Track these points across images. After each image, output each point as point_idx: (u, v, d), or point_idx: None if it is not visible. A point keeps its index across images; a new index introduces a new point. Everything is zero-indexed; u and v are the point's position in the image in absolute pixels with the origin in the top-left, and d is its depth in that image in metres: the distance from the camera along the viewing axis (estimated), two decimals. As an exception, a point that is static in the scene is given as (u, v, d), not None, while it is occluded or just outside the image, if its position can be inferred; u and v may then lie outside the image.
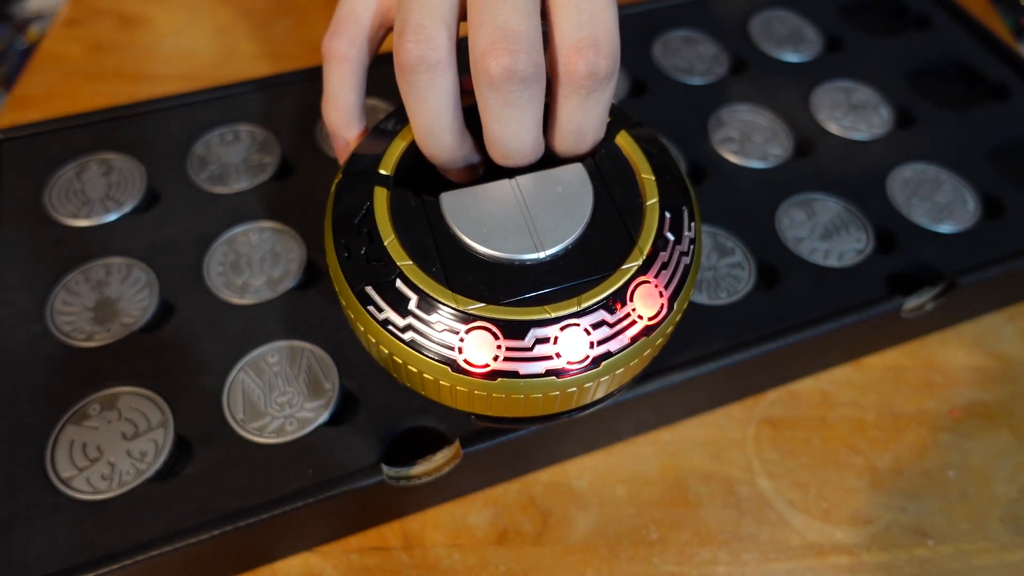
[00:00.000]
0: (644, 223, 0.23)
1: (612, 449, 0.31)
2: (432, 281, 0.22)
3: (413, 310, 0.21)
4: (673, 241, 0.23)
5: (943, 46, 0.42)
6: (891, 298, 0.31)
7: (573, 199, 0.23)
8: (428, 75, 0.22)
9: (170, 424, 0.27)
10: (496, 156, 0.24)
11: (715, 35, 0.42)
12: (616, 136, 0.25)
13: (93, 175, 0.34)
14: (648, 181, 0.24)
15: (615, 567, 0.28)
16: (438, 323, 0.21)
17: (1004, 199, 0.34)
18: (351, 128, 0.26)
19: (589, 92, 0.22)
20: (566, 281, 0.22)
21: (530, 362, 0.21)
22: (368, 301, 0.22)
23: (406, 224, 0.23)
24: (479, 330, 0.21)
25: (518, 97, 0.21)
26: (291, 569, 0.28)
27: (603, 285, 0.22)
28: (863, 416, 0.32)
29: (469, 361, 0.21)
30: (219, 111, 0.37)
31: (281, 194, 0.34)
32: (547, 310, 0.21)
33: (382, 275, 0.22)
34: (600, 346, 0.21)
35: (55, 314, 0.30)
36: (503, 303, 0.21)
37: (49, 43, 0.47)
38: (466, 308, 0.21)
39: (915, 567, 0.28)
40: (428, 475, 0.26)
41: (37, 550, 0.24)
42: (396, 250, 0.22)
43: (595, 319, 0.21)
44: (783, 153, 0.36)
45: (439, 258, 0.22)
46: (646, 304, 0.22)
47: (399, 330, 0.21)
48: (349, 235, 0.23)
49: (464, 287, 0.22)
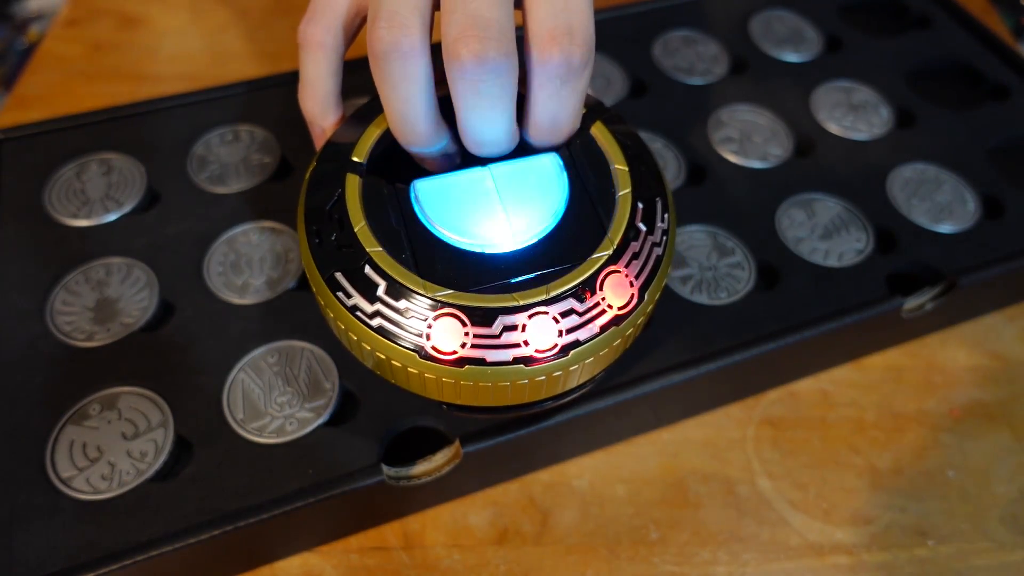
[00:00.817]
0: (616, 213, 0.23)
1: (612, 449, 0.31)
2: (401, 267, 0.22)
3: (381, 296, 0.21)
4: (645, 232, 0.23)
5: (943, 46, 0.42)
6: (891, 298, 0.31)
7: (547, 189, 0.24)
8: (401, 62, 0.22)
9: (170, 424, 0.27)
10: (469, 145, 0.23)
11: (715, 35, 0.42)
12: (592, 127, 0.25)
13: (93, 175, 0.34)
14: (621, 172, 0.24)
15: (615, 567, 0.28)
16: (406, 310, 0.21)
17: (1004, 199, 0.34)
18: (327, 116, 0.26)
19: (564, 81, 0.22)
20: (536, 270, 0.22)
21: (498, 349, 0.21)
22: (337, 287, 0.22)
23: (377, 211, 0.23)
24: (447, 317, 0.21)
25: (490, 86, 0.21)
26: (291, 569, 0.28)
27: (573, 274, 0.22)
28: (863, 416, 0.32)
29: (437, 348, 0.21)
30: (219, 111, 0.37)
31: (281, 194, 0.34)
32: (515, 298, 0.21)
33: (351, 261, 0.22)
34: (569, 335, 0.21)
35: (55, 314, 0.30)
36: (471, 290, 0.21)
37: (49, 43, 0.47)
38: (434, 295, 0.21)
39: (915, 567, 0.28)
40: (428, 475, 0.26)
41: (37, 550, 0.24)
42: (366, 236, 0.22)
43: (564, 307, 0.21)
44: (783, 153, 0.36)
45: (409, 245, 0.22)
46: (616, 294, 0.22)
47: (367, 316, 0.21)
48: (320, 222, 0.23)
49: (433, 274, 0.22)
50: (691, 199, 0.34)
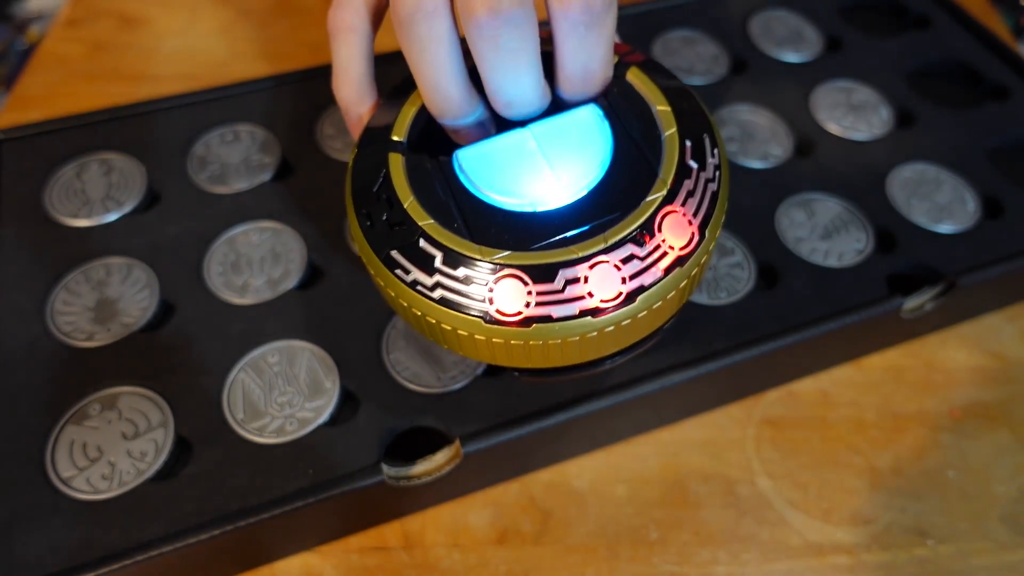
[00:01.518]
0: (665, 154, 0.23)
1: (612, 449, 0.31)
2: (455, 236, 0.21)
3: (440, 267, 0.21)
4: (697, 168, 0.23)
5: (943, 46, 0.42)
6: (891, 298, 0.31)
7: (590, 140, 0.23)
8: (427, 22, 0.22)
9: (170, 424, 0.27)
10: (499, 107, 0.23)
11: (715, 35, 0.42)
12: (627, 73, 0.25)
13: (93, 175, 0.34)
14: (664, 112, 0.24)
15: (615, 567, 0.28)
16: (466, 277, 0.21)
17: (1004, 199, 0.34)
18: (363, 101, 0.26)
19: (588, 26, 0.22)
20: (591, 221, 0.22)
21: (562, 304, 0.21)
22: (395, 265, 0.22)
23: (424, 186, 0.23)
24: (508, 278, 0.21)
25: (508, 39, 0.21)
26: (291, 569, 0.28)
27: (629, 219, 0.22)
28: (863, 416, 0.32)
29: (501, 311, 0.21)
30: (219, 111, 0.37)
31: (281, 194, 0.34)
32: (574, 251, 0.21)
33: (405, 237, 0.22)
34: (632, 280, 0.21)
35: (55, 314, 0.30)
36: (529, 249, 0.21)
37: (49, 43, 0.47)
38: (492, 258, 0.21)
39: (915, 567, 0.28)
40: (428, 475, 0.26)
41: (37, 550, 0.24)
42: (416, 211, 0.22)
43: (624, 254, 0.21)
44: (783, 153, 0.36)
45: (460, 214, 0.22)
46: (676, 234, 0.22)
47: (428, 289, 0.21)
48: (369, 204, 0.23)
49: (488, 239, 0.22)
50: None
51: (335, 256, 0.32)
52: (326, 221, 0.33)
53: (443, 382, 0.28)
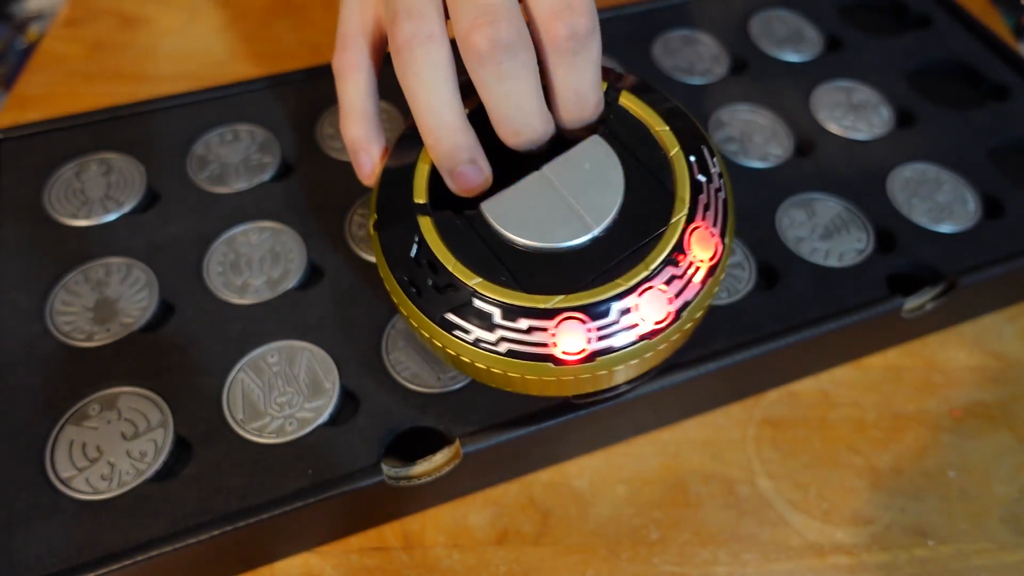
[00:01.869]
0: (675, 173, 0.24)
1: (612, 449, 0.31)
2: (506, 290, 0.22)
3: (500, 323, 0.22)
4: (706, 181, 0.24)
5: (943, 46, 0.42)
6: (891, 298, 0.31)
7: (603, 170, 0.24)
8: (423, 48, 0.22)
9: (170, 424, 0.27)
10: (507, 137, 0.24)
11: (715, 35, 0.42)
12: (619, 98, 0.26)
13: (93, 175, 0.34)
14: (664, 132, 0.25)
15: (615, 567, 0.28)
16: (528, 328, 0.22)
17: (1004, 199, 0.34)
18: (372, 141, 0.27)
19: (575, 53, 0.23)
20: (626, 249, 0.23)
21: (620, 334, 0.22)
22: (452, 327, 0.22)
23: (460, 244, 0.23)
24: (566, 321, 0.22)
25: (509, 67, 0.22)
26: (291, 569, 0.28)
27: (662, 242, 0.23)
28: (863, 416, 0.32)
29: (566, 351, 0.22)
30: (219, 111, 0.37)
31: (281, 194, 0.34)
32: (620, 283, 0.22)
33: (458, 300, 0.22)
34: (677, 299, 0.22)
35: (55, 314, 0.30)
36: (579, 289, 0.22)
37: (49, 43, 0.47)
38: (548, 305, 0.22)
39: (915, 567, 0.28)
40: (428, 475, 0.26)
41: (37, 550, 0.24)
42: (462, 271, 0.23)
43: (666, 276, 0.22)
44: (783, 153, 0.36)
45: (504, 266, 0.23)
46: (703, 247, 0.23)
47: (492, 345, 0.22)
48: (411, 272, 0.23)
49: (538, 286, 0.22)
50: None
51: (335, 256, 0.32)
52: (326, 221, 0.33)
53: (443, 382, 0.28)
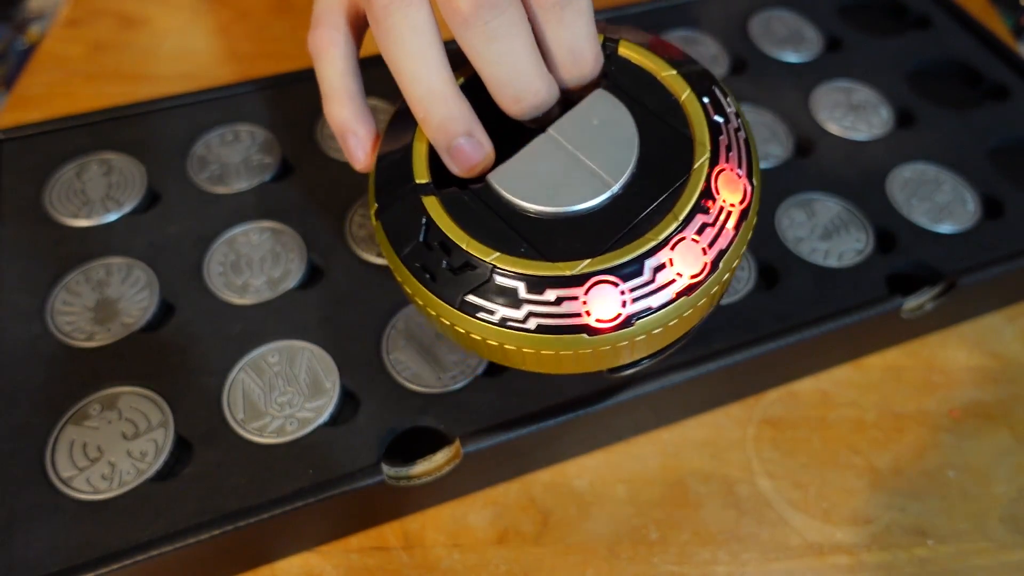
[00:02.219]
0: (690, 117, 0.23)
1: (612, 449, 0.31)
2: (528, 261, 0.21)
3: (526, 297, 0.20)
4: (723, 122, 0.22)
5: (943, 46, 0.42)
6: (891, 298, 0.31)
7: (613, 123, 0.23)
8: (402, 12, 0.21)
9: (170, 424, 0.27)
10: (508, 104, 0.22)
11: (715, 35, 0.42)
12: (619, 49, 0.24)
13: (93, 175, 0.34)
14: (671, 77, 0.23)
15: (615, 567, 0.28)
16: (555, 297, 0.20)
17: (1004, 199, 0.34)
18: (358, 121, 0.25)
19: (563, 7, 0.22)
20: (651, 202, 0.21)
21: (657, 293, 0.20)
22: (476, 309, 0.21)
23: (471, 220, 0.22)
24: (597, 285, 0.20)
25: (497, 25, 0.21)
26: (291, 569, 0.28)
27: (688, 190, 0.21)
28: (863, 416, 0.32)
29: (600, 319, 0.20)
30: (219, 111, 0.37)
31: (281, 194, 0.34)
32: (649, 238, 0.20)
33: (476, 279, 0.21)
34: (712, 248, 0.21)
35: (55, 314, 0.30)
36: (607, 250, 0.21)
37: (49, 43, 0.47)
38: (576, 271, 0.20)
39: (915, 567, 0.28)
40: (428, 475, 0.26)
41: (37, 550, 0.24)
42: (478, 248, 0.21)
43: (697, 225, 0.21)
44: (783, 153, 0.36)
45: (521, 237, 0.21)
46: (731, 190, 0.21)
47: (520, 322, 0.20)
48: (422, 257, 0.22)
49: (561, 252, 0.21)
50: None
51: (335, 256, 0.32)
52: (326, 221, 0.33)
53: (443, 382, 0.28)
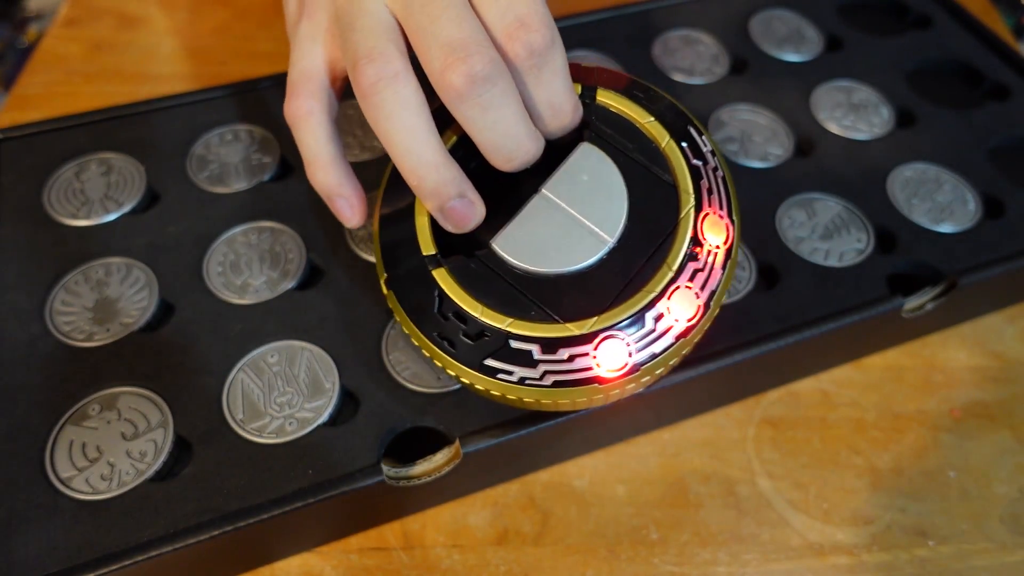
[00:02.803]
0: (672, 163, 0.24)
1: (612, 449, 0.31)
2: (540, 324, 0.22)
3: (541, 358, 0.22)
4: (703, 165, 0.24)
5: (943, 46, 0.42)
6: (891, 298, 0.30)
7: (601, 178, 0.24)
8: (391, 88, 0.22)
9: (170, 424, 0.27)
10: (501, 164, 0.23)
11: (715, 35, 0.42)
12: (597, 97, 0.25)
13: (93, 175, 0.34)
14: (650, 124, 0.24)
15: (615, 567, 0.28)
16: (568, 356, 0.22)
17: (1005, 199, 0.34)
18: (342, 184, 0.26)
19: (539, 68, 0.23)
20: (645, 253, 0.23)
21: (659, 339, 0.22)
22: (495, 372, 0.22)
23: (481, 288, 0.23)
24: (604, 342, 0.22)
25: (491, 97, 0.22)
26: (291, 569, 0.28)
27: (678, 239, 0.23)
28: (863, 416, 0.32)
29: (610, 370, 0.22)
30: (219, 111, 0.37)
31: (281, 194, 0.34)
32: (648, 290, 0.22)
33: (494, 344, 0.22)
34: (704, 291, 0.23)
35: (54, 314, 0.30)
36: (611, 306, 0.22)
37: (49, 43, 0.47)
38: (584, 330, 0.22)
39: (915, 567, 0.28)
40: (428, 475, 0.26)
41: (37, 550, 0.24)
42: (492, 316, 0.22)
43: (690, 272, 0.22)
44: (783, 153, 0.36)
45: (531, 300, 0.23)
46: (715, 233, 0.23)
47: (538, 380, 0.22)
48: (439, 327, 0.23)
49: (569, 312, 0.22)
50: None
51: (335, 256, 0.32)
52: (326, 221, 0.33)
53: (443, 382, 0.28)
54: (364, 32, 0.23)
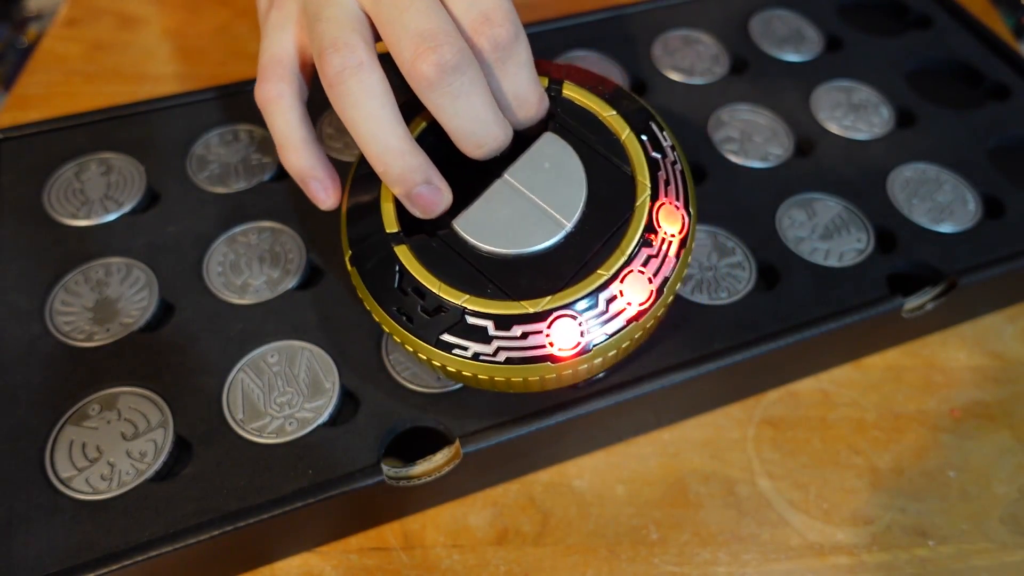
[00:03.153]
0: (631, 155, 0.25)
1: (612, 449, 0.31)
2: (495, 301, 0.23)
3: (495, 334, 0.23)
4: (661, 158, 0.25)
5: (943, 46, 0.42)
6: (891, 298, 0.30)
7: (562, 166, 0.25)
8: (356, 77, 0.22)
9: (170, 424, 0.27)
10: (471, 150, 0.24)
11: (715, 35, 0.42)
12: (563, 91, 0.26)
13: (92, 175, 0.34)
14: (612, 117, 0.26)
15: (615, 567, 0.28)
16: (521, 333, 0.22)
17: (1005, 199, 0.34)
18: (315, 166, 0.26)
19: (504, 61, 0.23)
20: (600, 238, 0.24)
21: (610, 322, 0.23)
22: (450, 347, 0.23)
23: (440, 265, 0.24)
24: (558, 320, 0.23)
25: (459, 85, 0.22)
26: (291, 569, 0.28)
27: (633, 226, 0.24)
28: (863, 416, 0.32)
29: (562, 348, 0.22)
30: (219, 111, 0.37)
31: (281, 194, 0.34)
32: (601, 273, 0.23)
33: (450, 320, 0.23)
34: (657, 277, 0.23)
35: (54, 314, 0.30)
36: (565, 287, 0.23)
37: (49, 43, 0.47)
38: (537, 308, 0.23)
39: (915, 567, 0.28)
40: (428, 475, 0.26)
41: (37, 550, 0.24)
42: (449, 292, 0.23)
43: (643, 258, 0.23)
44: (783, 153, 0.36)
45: (487, 279, 0.23)
46: (671, 222, 0.24)
47: (491, 356, 0.23)
48: (397, 301, 0.24)
49: (524, 291, 0.23)
50: (691, 199, 0.34)
51: (335, 256, 0.32)
52: (326, 221, 0.33)
53: (443, 382, 0.28)
54: (331, 22, 0.23)
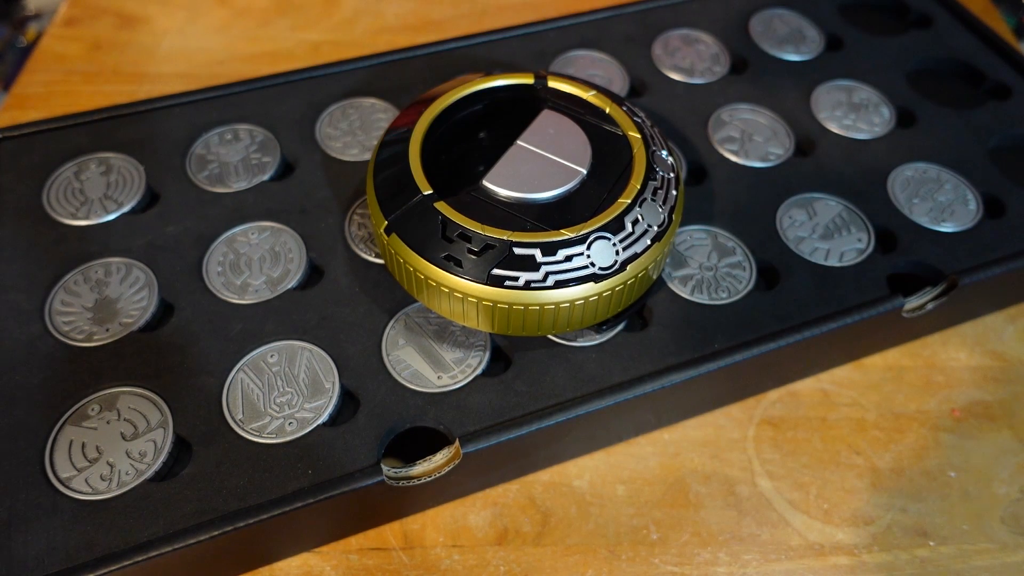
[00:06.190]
0: (619, 120, 0.29)
1: (612, 449, 0.31)
2: (538, 232, 0.25)
3: (542, 261, 0.25)
4: (640, 122, 0.30)
5: (944, 45, 0.42)
6: (892, 298, 0.30)
7: (565, 130, 0.29)
8: None
9: (169, 424, 0.27)
10: None
11: (715, 35, 0.42)
12: (548, 82, 0.31)
13: (92, 175, 0.34)
14: (594, 96, 0.30)
15: (615, 567, 0.28)
16: (565, 256, 0.25)
17: (1006, 199, 0.34)
18: None
19: None
20: (612, 178, 0.27)
21: (639, 240, 0.26)
22: (500, 281, 0.25)
23: (480, 214, 0.26)
24: (596, 240, 0.25)
25: None
26: (291, 569, 0.28)
27: (636, 166, 0.27)
28: (864, 416, 0.32)
29: (602, 267, 0.25)
30: (219, 111, 0.37)
31: (281, 194, 0.34)
32: (623, 201, 0.26)
33: (499, 254, 0.25)
34: (664, 206, 0.27)
35: (54, 314, 0.30)
36: (593, 216, 0.26)
37: (48, 42, 0.47)
38: (578, 233, 0.25)
39: (916, 567, 0.28)
40: (428, 475, 0.26)
41: (36, 550, 0.24)
42: (494, 230, 0.25)
43: (651, 190, 0.27)
44: (784, 153, 0.36)
45: (527, 218, 0.26)
46: (663, 165, 0.28)
47: (541, 281, 0.25)
48: (445, 249, 0.25)
49: (561, 221, 0.26)
50: (691, 199, 0.34)
51: (335, 256, 0.32)
52: (326, 221, 0.33)
53: (443, 382, 0.28)
54: None
